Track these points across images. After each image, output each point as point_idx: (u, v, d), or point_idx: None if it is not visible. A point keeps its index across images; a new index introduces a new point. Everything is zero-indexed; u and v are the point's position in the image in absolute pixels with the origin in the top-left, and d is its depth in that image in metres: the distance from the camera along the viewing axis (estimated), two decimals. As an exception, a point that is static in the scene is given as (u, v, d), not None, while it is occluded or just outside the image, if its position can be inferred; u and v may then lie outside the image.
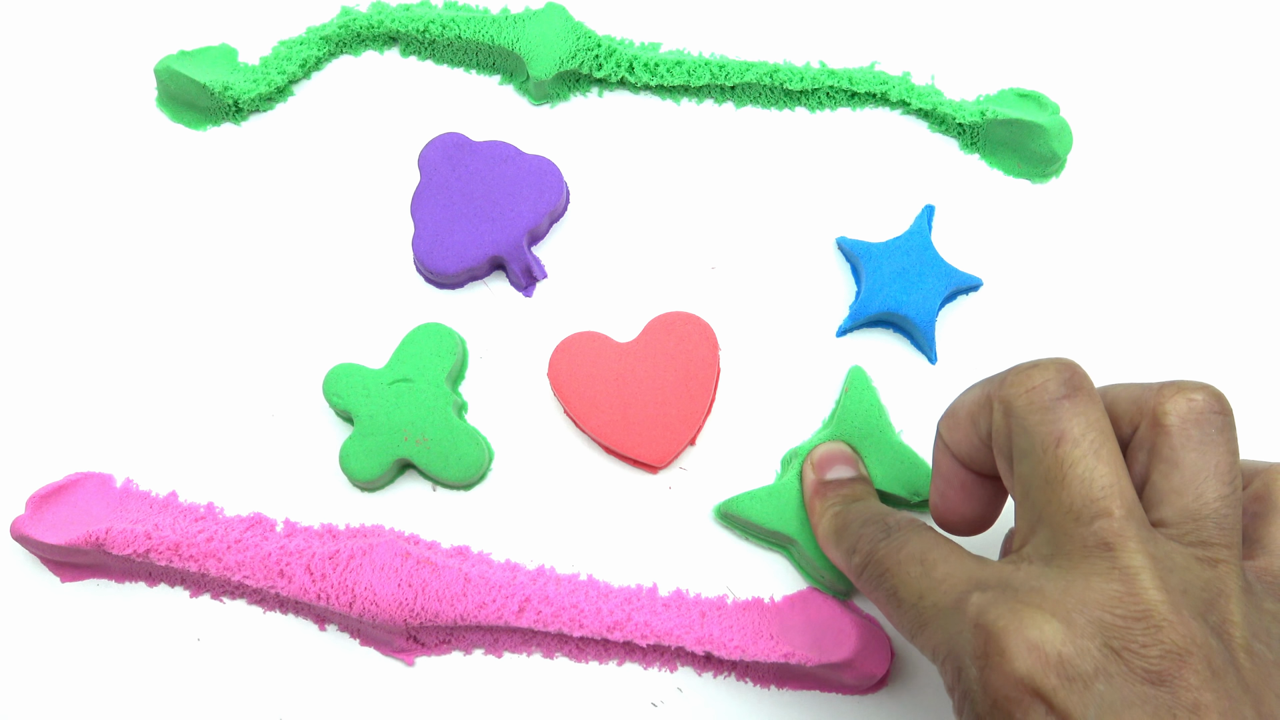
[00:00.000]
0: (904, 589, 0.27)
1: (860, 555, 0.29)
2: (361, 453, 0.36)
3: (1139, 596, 0.23)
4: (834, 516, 0.32)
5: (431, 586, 0.34)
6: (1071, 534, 0.25)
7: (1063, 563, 0.25)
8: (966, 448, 0.29)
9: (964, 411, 0.28)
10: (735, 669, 0.35)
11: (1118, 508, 0.24)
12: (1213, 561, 0.24)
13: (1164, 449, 0.26)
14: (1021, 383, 0.26)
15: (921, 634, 0.26)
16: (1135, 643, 0.23)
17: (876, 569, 0.28)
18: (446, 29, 0.41)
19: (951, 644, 0.25)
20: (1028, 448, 0.26)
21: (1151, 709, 0.22)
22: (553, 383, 0.37)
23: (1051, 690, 0.23)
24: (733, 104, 0.42)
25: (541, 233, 0.39)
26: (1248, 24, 0.43)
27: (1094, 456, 0.25)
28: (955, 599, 0.25)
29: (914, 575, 0.27)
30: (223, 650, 0.35)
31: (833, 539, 0.32)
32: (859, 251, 0.38)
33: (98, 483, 0.36)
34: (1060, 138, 0.39)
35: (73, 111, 0.41)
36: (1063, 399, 0.26)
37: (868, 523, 0.30)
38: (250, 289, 0.39)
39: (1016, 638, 0.23)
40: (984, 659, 0.24)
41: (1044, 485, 0.25)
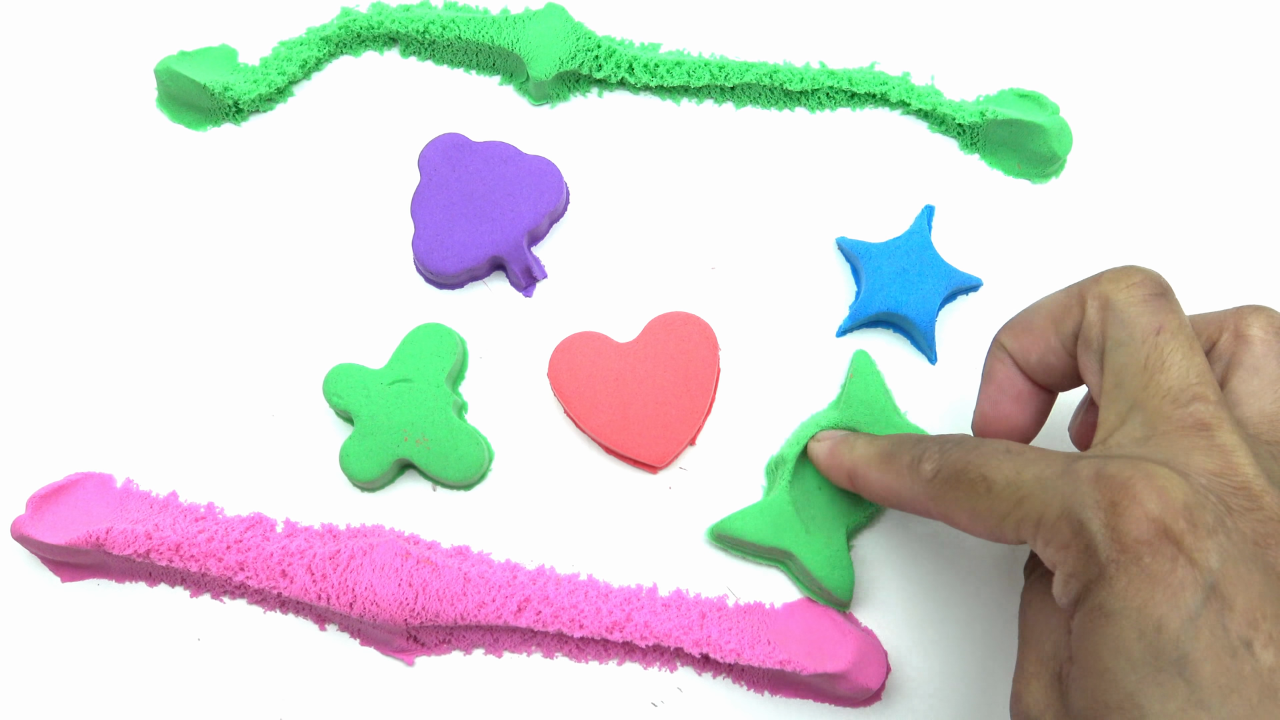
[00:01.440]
0: (995, 472, 0.27)
1: (931, 462, 0.29)
2: (361, 453, 0.36)
3: (1237, 469, 0.25)
4: (871, 442, 0.32)
5: (432, 586, 0.34)
6: (1169, 416, 0.25)
7: (1160, 442, 0.25)
8: (1038, 352, 0.30)
9: (1042, 315, 0.29)
10: (731, 672, 0.35)
11: (1212, 393, 0.26)
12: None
13: (1246, 357, 0.28)
14: (1121, 279, 0.28)
15: (1018, 509, 0.26)
16: (1241, 506, 0.24)
17: (955, 466, 0.28)
18: (446, 29, 0.41)
19: (1065, 503, 0.25)
20: (1126, 337, 0.27)
21: (1261, 565, 0.23)
22: (553, 383, 0.37)
23: (1180, 533, 0.23)
24: (733, 104, 0.42)
25: (541, 233, 0.39)
26: (1248, 24, 0.43)
27: (1189, 348, 0.26)
28: (1061, 468, 0.25)
29: (1005, 461, 0.27)
30: (223, 650, 0.35)
31: (879, 461, 0.32)
32: (859, 251, 0.38)
33: (98, 483, 0.36)
34: (1060, 138, 0.39)
35: (73, 111, 0.41)
36: (1158, 296, 0.27)
37: (923, 440, 0.30)
38: (250, 289, 0.39)
39: (1146, 484, 0.24)
40: (1112, 507, 0.24)
41: (1141, 372, 0.26)
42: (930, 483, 0.29)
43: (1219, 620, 0.23)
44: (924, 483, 0.29)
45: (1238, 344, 0.28)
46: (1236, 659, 0.22)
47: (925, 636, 0.35)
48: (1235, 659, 0.22)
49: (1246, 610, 0.23)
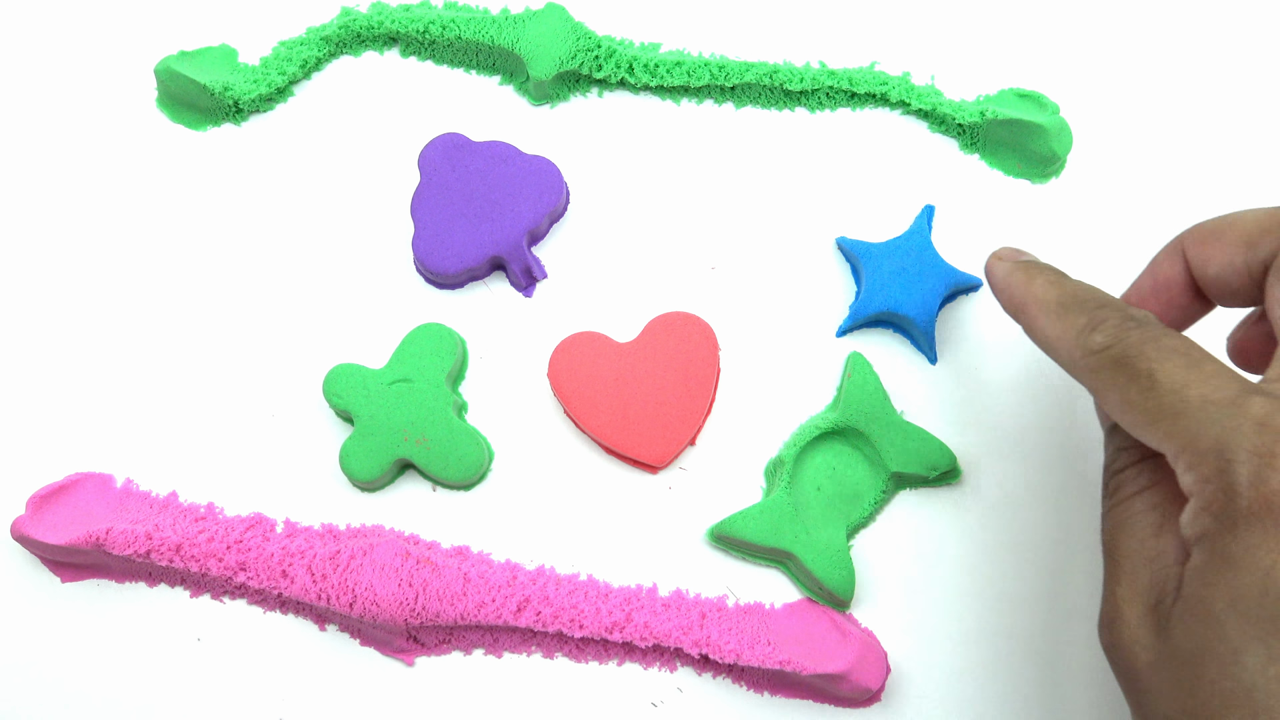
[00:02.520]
0: (1164, 373, 0.25)
1: (1105, 335, 0.27)
2: (361, 453, 0.36)
3: None
4: (1052, 284, 0.29)
5: (432, 586, 0.34)
6: None
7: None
8: (1218, 267, 0.28)
9: (1238, 231, 0.28)
10: (731, 672, 0.35)
11: None
12: None
13: None
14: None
15: (1174, 422, 0.25)
16: None
17: (1127, 350, 0.26)
18: (446, 29, 0.41)
19: (1222, 436, 0.24)
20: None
21: None
22: (553, 383, 0.37)
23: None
24: (733, 104, 0.42)
25: (541, 233, 0.39)
26: (1247, 24, 0.43)
27: None
28: (1231, 395, 0.24)
29: (1178, 365, 0.25)
30: (223, 650, 0.35)
31: (1056, 309, 0.29)
32: (859, 251, 0.38)
33: (98, 483, 0.36)
34: (1060, 138, 0.39)
35: (73, 112, 0.41)
36: None
37: (1106, 305, 0.28)
38: (250, 289, 0.39)
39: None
40: (1268, 456, 0.23)
41: None
42: (1096, 355, 0.27)
43: None
44: (1089, 353, 0.27)
45: None
46: None
47: (925, 636, 0.35)
48: None
49: None
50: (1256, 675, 0.22)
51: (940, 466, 0.36)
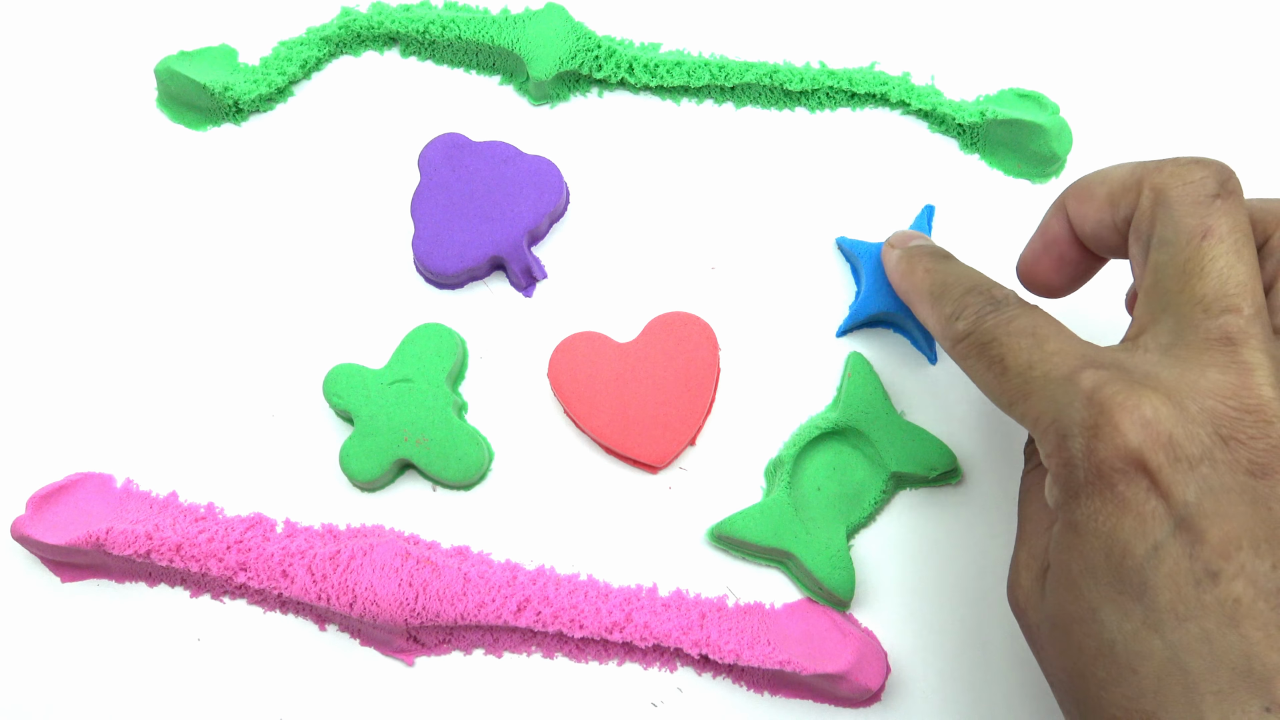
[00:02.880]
0: (1012, 357, 0.27)
1: (965, 322, 0.29)
2: (361, 453, 0.36)
3: (1253, 391, 0.24)
4: (929, 272, 0.32)
5: (432, 586, 0.34)
6: (1197, 325, 0.25)
7: (1181, 352, 0.25)
8: (1092, 224, 0.29)
9: (1105, 189, 0.29)
10: (731, 672, 0.35)
11: (1248, 306, 0.25)
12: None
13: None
14: (1180, 175, 0.27)
15: (1024, 402, 0.26)
16: (1244, 434, 0.24)
17: (982, 337, 0.28)
18: (446, 29, 0.41)
19: (1059, 413, 0.25)
20: (1171, 237, 0.26)
21: (1250, 498, 0.23)
22: (553, 383, 0.37)
23: (1157, 466, 0.23)
24: (733, 104, 0.42)
25: (541, 233, 0.39)
26: (1247, 24, 0.43)
27: (1234, 255, 0.25)
28: (1068, 371, 0.25)
29: (1024, 346, 0.27)
30: (223, 650, 0.35)
31: (929, 298, 0.31)
32: (859, 252, 0.38)
33: (98, 483, 0.36)
34: (1060, 138, 0.39)
35: (73, 111, 0.41)
36: (1216, 197, 0.26)
37: (972, 290, 0.30)
38: (250, 289, 0.39)
39: (1130, 413, 0.24)
40: (1094, 430, 0.24)
41: (1179, 275, 0.26)
42: (960, 343, 0.29)
43: (1185, 551, 0.23)
44: (955, 341, 0.29)
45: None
46: (1199, 588, 0.23)
47: (925, 636, 0.35)
48: (1197, 588, 0.23)
49: (1220, 543, 0.23)
50: (1114, 631, 0.24)
51: (940, 466, 0.36)
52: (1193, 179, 0.26)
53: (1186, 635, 0.23)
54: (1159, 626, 0.23)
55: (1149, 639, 0.23)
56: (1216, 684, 0.23)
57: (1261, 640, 0.22)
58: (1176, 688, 0.23)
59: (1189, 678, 0.23)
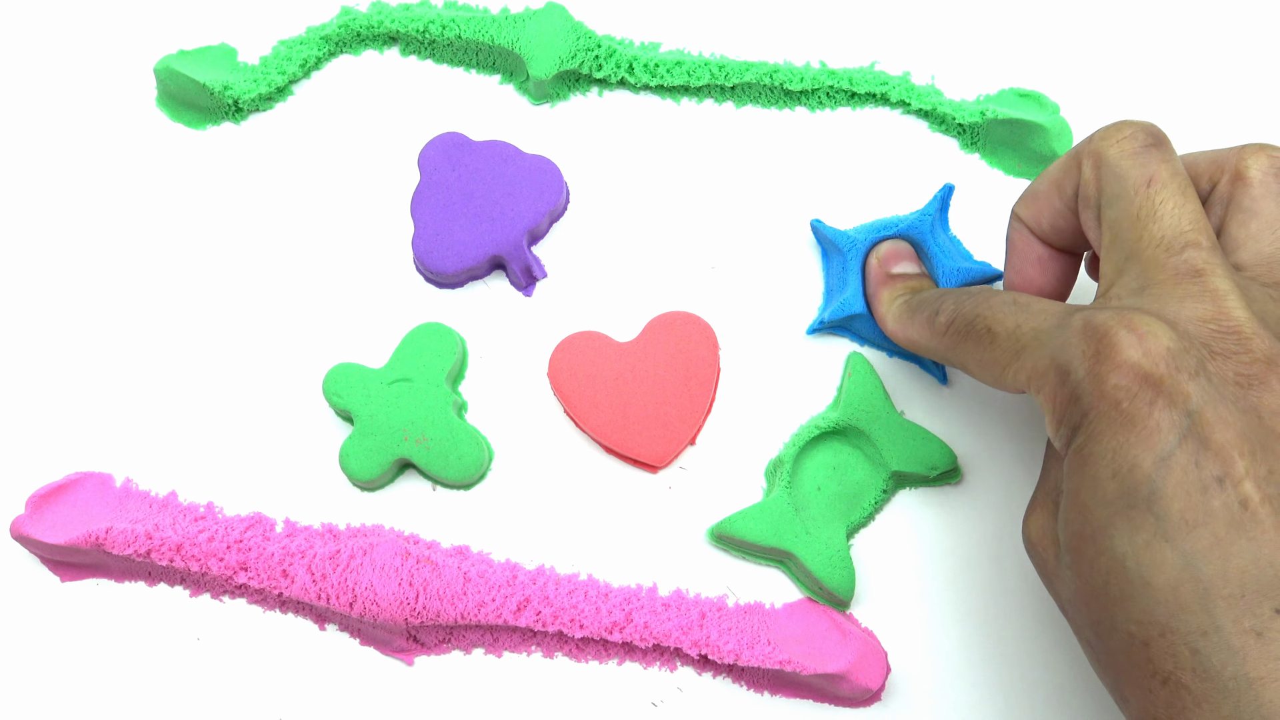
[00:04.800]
0: (999, 324, 0.28)
1: (946, 313, 0.31)
2: (361, 453, 0.36)
3: (1228, 314, 0.25)
4: (904, 303, 0.34)
5: (432, 586, 0.34)
6: (1163, 264, 0.26)
7: (1155, 291, 0.26)
8: (1048, 217, 0.30)
9: (1046, 181, 0.30)
10: (731, 672, 0.35)
11: (1205, 239, 0.26)
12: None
13: (1244, 200, 0.28)
14: (1112, 135, 0.28)
15: (1018, 361, 0.27)
16: (1228, 350, 0.25)
17: (966, 316, 0.30)
18: (446, 29, 0.41)
19: (1055, 354, 0.26)
20: (1119, 191, 0.28)
21: (1243, 407, 0.24)
22: (553, 383, 0.37)
23: (1160, 377, 0.24)
24: (733, 104, 0.42)
25: (541, 233, 0.39)
26: (1248, 24, 0.43)
27: (1181, 195, 0.27)
28: (1056, 321, 0.27)
29: (1008, 312, 0.28)
30: (223, 650, 0.35)
31: (906, 316, 0.33)
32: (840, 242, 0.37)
33: (98, 483, 0.36)
34: (1060, 138, 0.39)
35: (73, 111, 0.41)
36: (1150, 147, 0.28)
37: (945, 294, 0.32)
38: (250, 289, 0.39)
39: (1128, 333, 0.25)
40: (1095, 355, 0.25)
41: (1135, 222, 0.27)
42: (944, 335, 0.31)
43: (1193, 459, 0.24)
44: (939, 335, 0.31)
45: (1235, 186, 0.28)
46: (1206, 494, 0.23)
47: (925, 636, 0.35)
48: (1205, 494, 0.23)
49: (1222, 448, 0.24)
50: (1124, 546, 0.24)
51: (940, 466, 0.36)
52: (1124, 135, 0.28)
53: (1198, 542, 0.23)
54: (1171, 536, 0.24)
55: (1161, 549, 0.24)
56: (1228, 588, 0.23)
57: (1270, 541, 0.23)
58: (1189, 596, 0.23)
59: (1201, 585, 0.23)
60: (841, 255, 0.37)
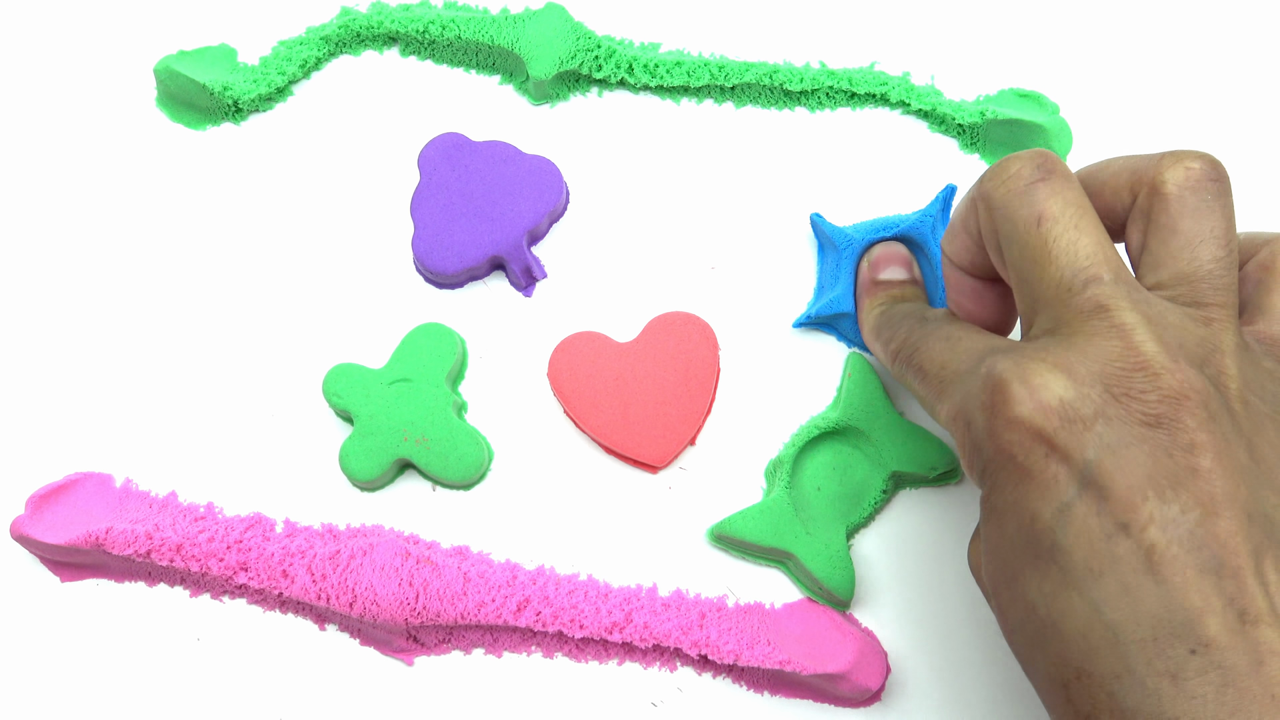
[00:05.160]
0: (929, 362, 0.29)
1: (896, 341, 0.31)
2: (361, 453, 0.36)
3: (1137, 349, 0.24)
4: (880, 314, 0.34)
5: (432, 586, 0.34)
6: (1067, 303, 0.26)
7: (1064, 331, 0.26)
8: (966, 255, 0.30)
9: (957, 220, 0.30)
10: (731, 672, 0.35)
11: (1106, 272, 0.25)
12: (1208, 320, 0.26)
13: (1161, 216, 0.27)
14: (998, 175, 0.27)
15: (940, 401, 0.28)
16: (1135, 389, 0.24)
17: (909, 350, 0.30)
18: (446, 29, 0.41)
19: (965, 401, 0.26)
20: (1011, 233, 0.27)
21: (1149, 448, 0.24)
22: (553, 383, 0.37)
23: (1052, 431, 0.24)
24: (733, 104, 0.42)
25: (541, 233, 0.39)
26: (1248, 24, 0.43)
27: (1075, 230, 0.26)
28: (973, 363, 0.27)
29: (939, 350, 0.29)
30: (223, 650, 0.35)
31: (874, 333, 0.34)
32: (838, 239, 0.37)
33: (98, 483, 0.36)
34: (1060, 138, 0.39)
35: (73, 111, 0.41)
36: (1038, 182, 0.27)
37: (907, 316, 0.32)
38: (250, 289, 0.39)
39: (1020, 385, 0.25)
40: (990, 408, 0.25)
41: (1032, 265, 0.26)
42: (893, 363, 0.31)
43: (1093, 509, 0.24)
44: (890, 360, 0.32)
45: (1153, 201, 0.27)
46: (1110, 542, 0.23)
47: (925, 636, 0.35)
48: (1109, 542, 0.23)
49: (1124, 495, 0.23)
50: (1034, 593, 0.24)
51: (940, 466, 0.36)
52: (1009, 174, 0.27)
53: (1105, 590, 0.23)
54: (1077, 585, 0.24)
55: (1068, 597, 0.24)
56: (1139, 633, 0.23)
57: (1180, 584, 0.23)
58: (1101, 641, 0.23)
59: (1112, 630, 0.23)
60: (837, 252, 0.37)
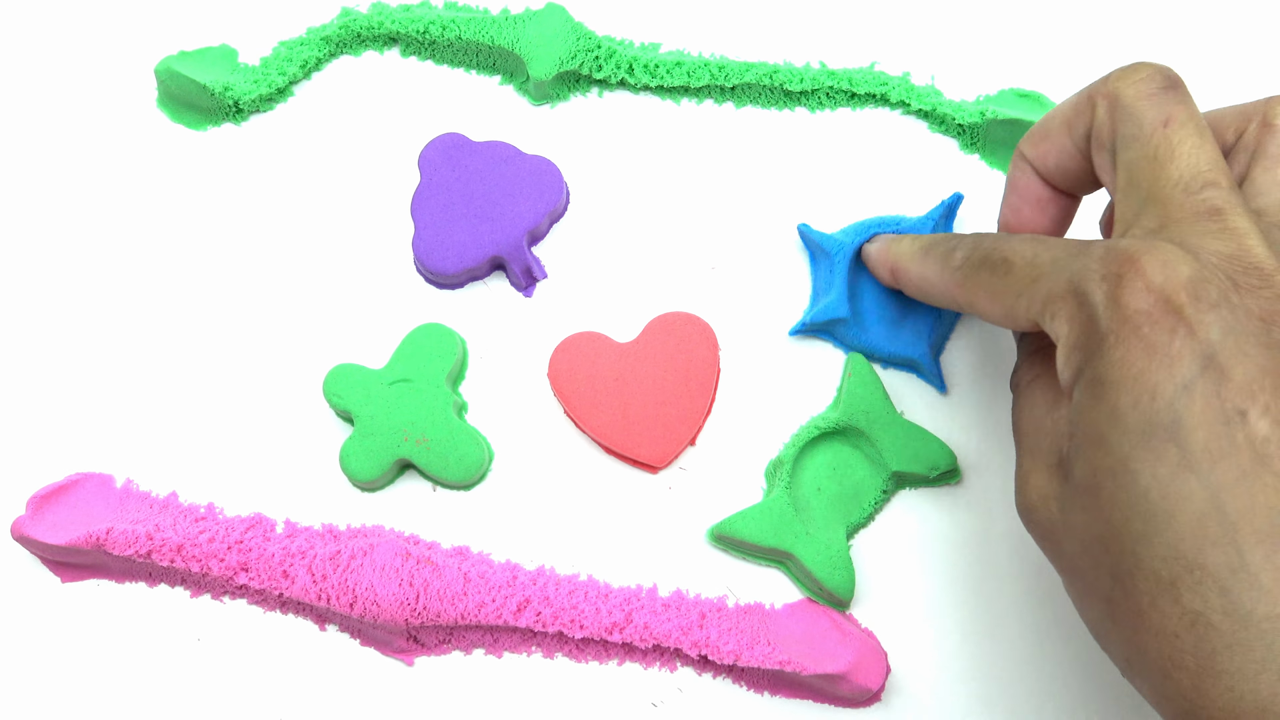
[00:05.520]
0: (1016, 255, 0.28)
1: (964, 249, 0.30)
2: (361, 453, 0.36)
3: (1249, 252, 0.25)
4: (914, 239, 0.34)
5: (433, 586, 0.34)
6: (1181, 203, 0.26)
7: (1173, 230, 0.26)
8: (1054, 157, 0.30)
9: (1057, 120, 0.30)
10: (731, 673, 0.35)
11: (1224, 179, 0.26)
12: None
13: (1270, 146, 0.28)
14: (1128, 76, 0.28)
15: (1032, 287, 0.27)
16: (1251, 285, 0.24)
17: (985, 249, 0.29)
18: (446, 29, 0.41)
19: (1074, 279, 0.25)
20: (1135, 133, 0.27)
21: (1264, 342, 0.24)
22: (553, 383, 0.37)
23: (1181, 305, 0.24)
24: (733, 104, 0.42)
25: (541, 233, 0.39)
26: (1247, 24, 0.43)
27: (1199, 136, 0.27)
28: (1077, 249, 0.26)
29: (1027, 244, 0.28)
30: (223, 650, 0.35)
31: (919, 255, 0.33)
32: (827, 245, 0.37)
33: (98, 483, 0.36)
34: (1060, 138, 0.39)
35: (73, 111, 0.41)
36: (1167, 89, 0.27)
37: (959, 235, 0.32)
38: (250, 289, 0.39)
39: (1151, 258, 0.24)
40: (1117, 278, 0.24)
41: (1152, 163, 0.27)
42: (959, 269, 0.30)
43: (1214, 389, 0.23)
44: (953, 270, 0.31)
45: (1263, 133, 0.28)
46: (1229, 427, 0.23)
47: (925, 636, 0.35)
48: (1228, 426, 0.23)
49: (1244, 382, 0.23)
50: (1148, 479, 0.23)
51: (940, 466, 0.36)
52: (1140, 76, 0.28)
53: (1223, 474, 0.23)
54: (1194, 467, 0.23)
55: (1185, 480, 0.23)
56: (1255, 524, 0.22)
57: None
58: (1216, 530, 0.23)
59: (1228, 519, 0.23)
60: (829, 258, 0.37)
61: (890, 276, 0.35)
